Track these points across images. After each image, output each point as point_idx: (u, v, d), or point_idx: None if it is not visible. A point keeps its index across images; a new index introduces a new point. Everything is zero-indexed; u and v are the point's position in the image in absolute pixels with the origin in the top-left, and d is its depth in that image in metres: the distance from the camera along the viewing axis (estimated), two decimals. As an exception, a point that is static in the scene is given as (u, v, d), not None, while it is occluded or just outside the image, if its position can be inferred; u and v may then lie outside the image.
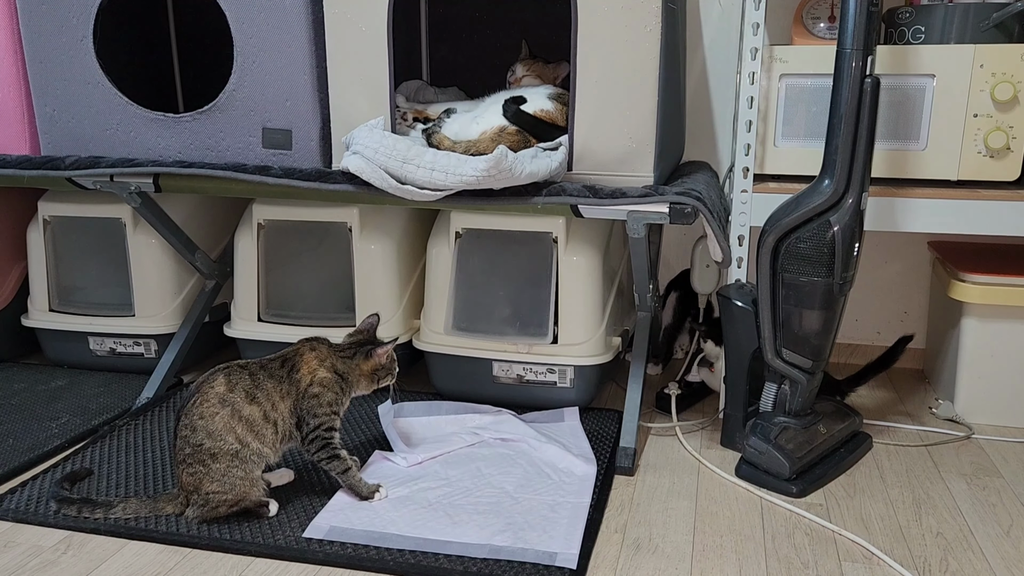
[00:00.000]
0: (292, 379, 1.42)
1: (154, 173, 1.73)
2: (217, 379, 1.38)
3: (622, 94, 1.55)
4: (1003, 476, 1.59)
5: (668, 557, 1.33)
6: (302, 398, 1.42)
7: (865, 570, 1.29)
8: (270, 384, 1.40)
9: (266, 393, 1.39)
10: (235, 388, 1.37)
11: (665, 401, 1.86)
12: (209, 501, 1.38)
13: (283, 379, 1.42)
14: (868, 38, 1.38)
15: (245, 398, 1.37)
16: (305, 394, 1.42)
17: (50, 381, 2.02)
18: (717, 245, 1.62)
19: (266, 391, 1.39)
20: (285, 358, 1.45)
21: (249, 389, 1.38)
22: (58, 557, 1.32)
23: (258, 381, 1.40)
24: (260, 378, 1.40)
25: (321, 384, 1.43)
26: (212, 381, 1.38)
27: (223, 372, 1.39)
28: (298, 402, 1.42)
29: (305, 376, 1.43)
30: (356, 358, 1.48)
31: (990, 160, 1.65)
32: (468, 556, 1.30)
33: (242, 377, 1.39)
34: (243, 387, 1.38)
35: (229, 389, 1.37)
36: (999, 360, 1.80)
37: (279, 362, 1.44)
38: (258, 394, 1.39)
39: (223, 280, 2.11)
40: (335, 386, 1.45)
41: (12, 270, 2.16)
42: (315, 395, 1.42)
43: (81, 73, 1.78)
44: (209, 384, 1.38)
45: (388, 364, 1.51)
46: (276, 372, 1.42)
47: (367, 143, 1.55)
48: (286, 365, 1.43)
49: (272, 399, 1.40)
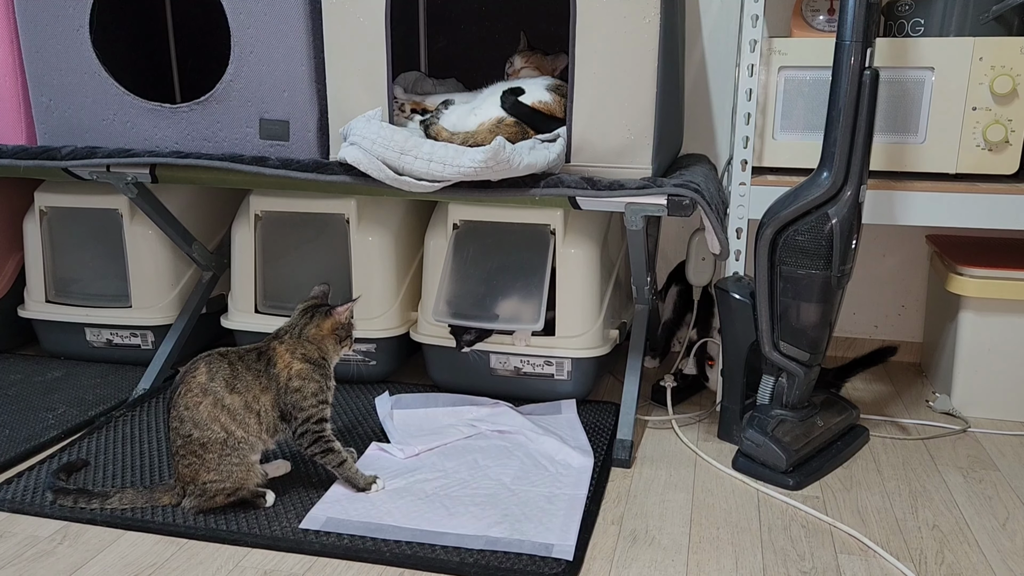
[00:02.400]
0: (270, 374, 1.40)
1: (151, 164, 1.72)
2: (199, 368, 1.38)
3: (621, 86, 1.55)
4: (999, 469, 1.60)
5: (664, 549, 1.33)
6: (284, 393, 1.41)
7: (861, 562, 1.29)
8: (249, 376, 1.39)
9: (246, 384, 1.39)
10: (215, 377, 1.37)
11: (661, 394, 1.86)
12: (206, 491, 1.37)
13: (261, 373, 1.40)
14: (867, 30, 1.38)
15: (225, 387, 1.37)
16: (287, 389, 1.41)
17: (46, 372, 2.02)
18: (715, 237, 1.61)
19: (246, 382, 1.39)
20: (260, 352, 1.43)
21: (228, 379, 1.38)
22: (54, 547, 1.32)
23: (237, 372, 1.39)
24: (239, 369, 1.39)
25: (300, 377, 1.41)
26: (194, 371, 1.38)
27: (204, 361, 1.39)
28: (279, 396, 1.41)
29: (283, 372, 1.41)
30: (315, 319, 1.46)
31: (989, 153, 1.65)
32: (465, 547, 1.30)
33: (221, 366, 1.38)
34: (223, 376, 1.38)
35: (210, 378, 1.37)
36: (996, 354, 1.80)
37: (255, 355, 1.42)
38: (238, 384, 1.38)
39: (220, 271, 2.10)
40: (314, 375, 1.43)
41: (8, 261, 2.16)
42: (296, 389, 1.41)
43: (77, 63, 1.77)
44: (192, 374, 1.38)
45: (348, 325, 1.48)
46: (253, 365, 1.41)
47: (365, 134, 1.55)
48: (262, 359, 1.42)
49: (252, 391, 1.39)
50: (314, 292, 1.53)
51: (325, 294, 1.53)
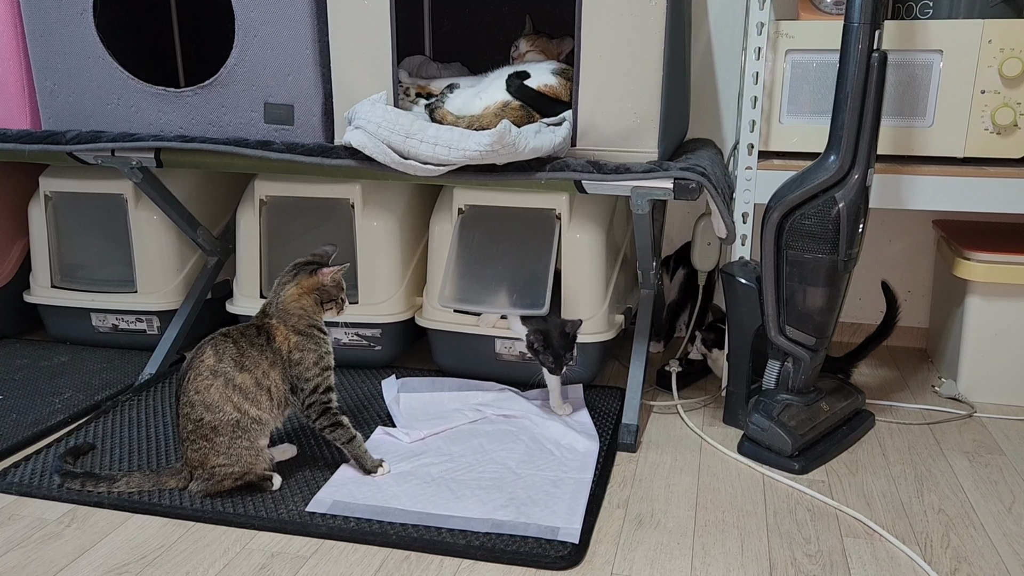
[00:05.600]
0: (272, 347, 1.41)
1: (156, 148, 1.72)
2: (205, 351, 1.38)
3: (626, 69, 1.54)
4: (1005, 454, 1.59)
5: (670, 532, 1.33)
6: (288, 366, 1.42)
7: (867, 545, 1.30)
8: (255, 352, 1.40)
9: (254, 360, 1.39)
10: (223, 358, 1.37)
11: (666, 379, 1.86)
12: (215, 475, 1.38)
13: (264, 347, 1.41)
14: (876, 12, 1.37)
15: (235, 367, 1.37)
16: (289, 361, 1.42)
17: (53, 357, 2.02)
18: (721, 221, 1.61)
19: (253, 358, 1.39)
20: (259, 327, 1.44)
21: (236, 357, 1.38)
22: (62, 530, 1.33)
23: (243, 349, 1.39)
24: (244, 346, 1.40)
25: (299, 348, 1.42)
26: (201, 354, 1.38)
27: (210, 344, 1.40)
28: (286, 369, 1.42)
29: (282, 344, 1.42)
30: (298, 277, 1.45)
31: (997, 137, 1.64)
32: (471, 531, 1.30)
33: (227, 346, 1.39)
34: (231, 356, 1.38)
35: (218, 360, 1.37)
36: (1002, 339, 1.79)
37: (255, 330, 1.43)
38: (246, 362, 1.39)
39: (225, 257, 2.11)
40: (309, 343, 1.43)
41: (14, 246, 2.16)
42: (298, 361, 1.42)
43: (81, 47, 1.77)
44: (199, 358, 1.38)
45: (333, 290, 1.46)
46: (256, 341, 1.41)
47: (370, 118, 1.54)
48: (261, 334, 1.42)
49: (261, 366, 1.40)
50: (318, 250, 1.51)
51: (328, 254, 1.51)
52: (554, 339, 1.62)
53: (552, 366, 1.63)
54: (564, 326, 1.64)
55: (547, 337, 1.62)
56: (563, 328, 1.63)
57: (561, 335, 1.63)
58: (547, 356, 1.62)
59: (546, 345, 1.62)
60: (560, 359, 1.62)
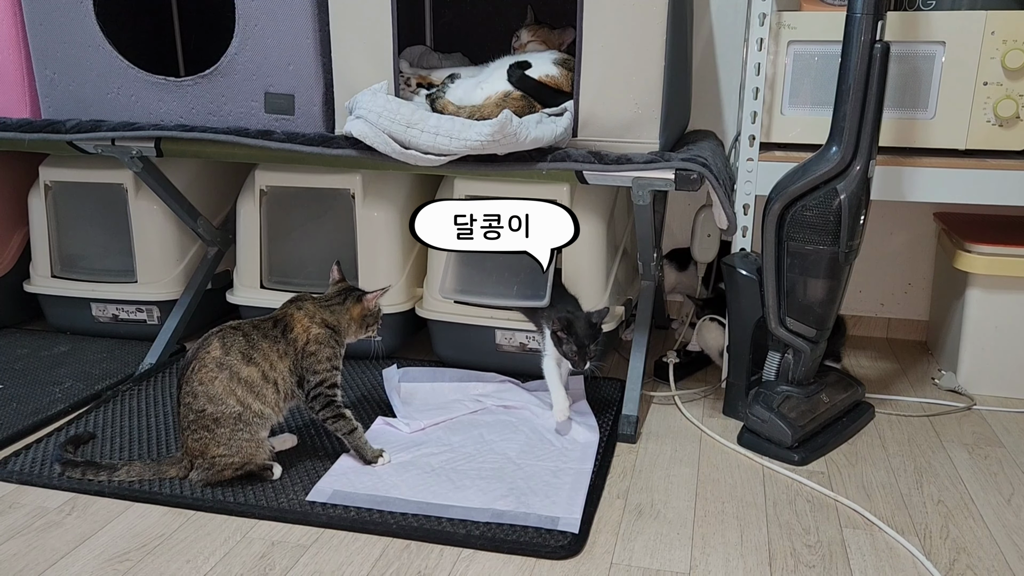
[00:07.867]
0: (287, 339, 1.42)
1: (156, 137, 1.71)
2: (212, 343, 1.38)
3: (628, 60, 1.54)
4: (1004, 446, 1.60)
5: (670, 522, 1.33)
6: (301, 357, 1.43)
7: (866, 536, 1.30)
8: (265, 344, 1.40)
9: (263, 353, 1.39)
10: (231, 351, 1.37)
11: (664, 370, 1.86)
12: (215, 464, 1.38)
13: (278, 339, 1.42)
14: (879, 3, 1.36)
15: (242, 360, 1.37)
16: (303, 353, 1.43)
17: (53, 347, 2.02)
18: (723, 212, 1.61)
19: (262, 351, 1.40)
20: (276, 319, 1.45)
21: (245, 350, 1.38)
22: (63, 518, 1.33)
23: (253, 341, 1.40)
24: (254, 338, 1.40)
25: (317, 341, 1.44)
26: (208, 346, 1.38)
27: (217, 336, 1.39)
28: (297, 361, 1.43)
29: (300, 335, 1.43)
30: (347, 303, 1.50)
31: (999, 129, 1.64)
32: (471, 520, 1.30)
33: (236, 339, 1.39)
34: (238, 349, 1.38)
35: (225, 352, 1.37)
36: (1002, 331, 1.79)
37: (271, 323, 1.44)
38: (255, 355, 1.39)
39: (225, 247, 2.10)
40: (330, 340, 1.46)
41: (13, 236, 2.16)
42: (312, 353, 1.43)
43: (81, 36, 1.76)
44: (205, 349, 1.38)
45: (376, 311, 1.53)
46: (270, 332, 1.42)
47: (371, 107, 1.54)
48: (278, 326, 1.44)
49: (270, 359, 1.40)
50: (336, 275, 1.56)
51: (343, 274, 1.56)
52: (579, 328, 1.57)
53: (575, 357, 1.57)
54: (591, 316, 1.60)
55: (571, 326, 1.57)
56: (589, 318, 1.59)
57: (587, 324, 1.58)
58: (570, 346, 1.57)
59: (570, 333, 1.57)
60: (584, 349, 1.56)
